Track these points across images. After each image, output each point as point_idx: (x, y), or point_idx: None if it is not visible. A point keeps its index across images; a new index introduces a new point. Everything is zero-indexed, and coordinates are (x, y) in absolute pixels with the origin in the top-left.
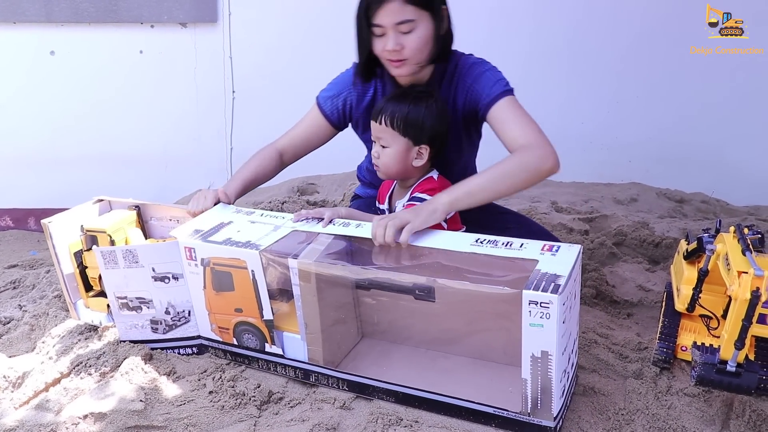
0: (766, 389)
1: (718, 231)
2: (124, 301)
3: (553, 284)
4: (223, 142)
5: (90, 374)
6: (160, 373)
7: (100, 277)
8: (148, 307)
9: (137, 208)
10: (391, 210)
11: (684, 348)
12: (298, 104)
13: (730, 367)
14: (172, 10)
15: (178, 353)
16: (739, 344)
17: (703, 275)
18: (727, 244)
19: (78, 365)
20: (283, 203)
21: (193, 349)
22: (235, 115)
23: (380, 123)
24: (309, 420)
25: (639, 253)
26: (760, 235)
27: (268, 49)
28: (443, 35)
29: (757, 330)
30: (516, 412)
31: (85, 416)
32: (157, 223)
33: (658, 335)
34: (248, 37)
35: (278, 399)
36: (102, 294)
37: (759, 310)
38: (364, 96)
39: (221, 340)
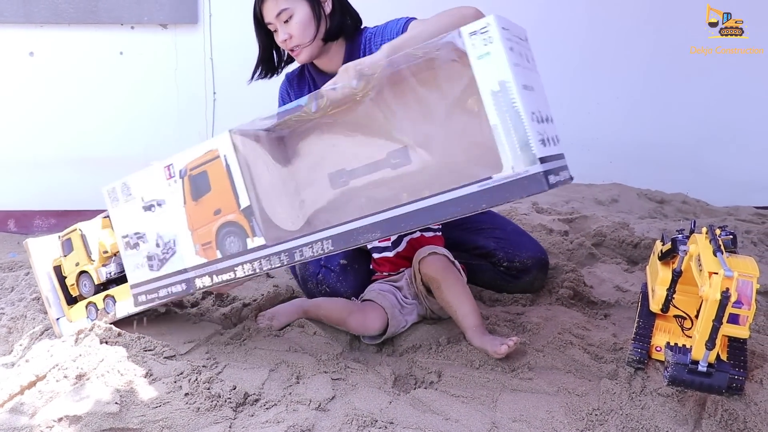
0: (736, 388)
1: (692, 232)
2: (127, 239)
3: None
4: None
5: (66, 377)
6: (136, 375)
7: (78, 278)
8: (144, 242)
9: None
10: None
11: (658, 348)
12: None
13: (702, 367)
14: (152, 11)
15: (169, 292)
16: (710, 344)
17: (676, 276)
18: (699, 245)
19: (54, 368)
20: None
21: (182, 285)
22: (216, 116)
23: None
24: (284, 422)
25: (618, 254)
26: (732, 236)
27: (249, 51)
28: (330, 14)
29: (729, 330)
30: (501, 176)
31: (60, 419)
32: None
33: (632, 336)
34: (229, 39)
35: (254, 401)
36: (81, 298)
37: (729, 310)
38: (301, 92)
39: (206, 260)
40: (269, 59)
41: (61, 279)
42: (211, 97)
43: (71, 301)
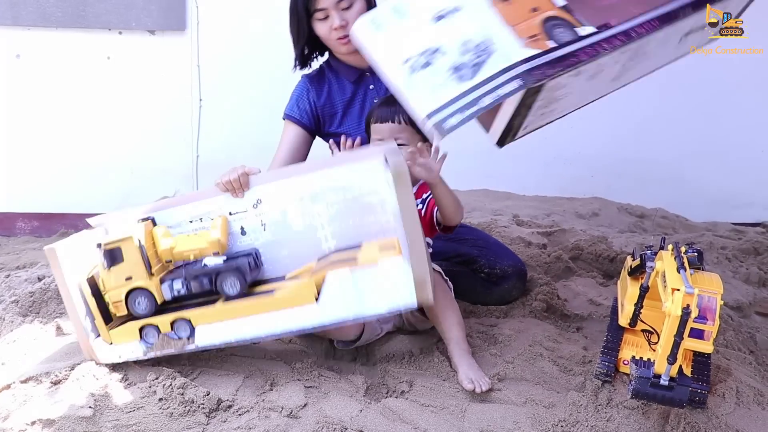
0: (699, 402)
1: (661, 248)
2: (410, 62)
3: None
4: (190, 150)
5: (41, 381)
6: (111, 380)
7: (128, 295)
8: (441, 54)
9: (150, 219)
10: None
11: (625, 362)
12: (265, 114)
13: (664, 381)
14: (140, 17)
15: (498, 95)
16: (672, 359)
17: (644, 291)
18: (664, 261)
19: (30, 371)
20: None
21: (516, 81)
22: (202, 123)
23: (398, 122)
24: (256, 428)
25: (594, 268)
26: (697, 253)
27: (235, 58)
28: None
29: (692, 345)
30: None
31: (33, 422)
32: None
33: (601, 349)
34: (216, 46)
35: (227, 407)
36: (130, 318)
37: (692, 325)
38: (320, 92)
39: (540, 50)
40: (308, 57)
41: (97, 293)
42: (197, 103)
43: (108, 319)
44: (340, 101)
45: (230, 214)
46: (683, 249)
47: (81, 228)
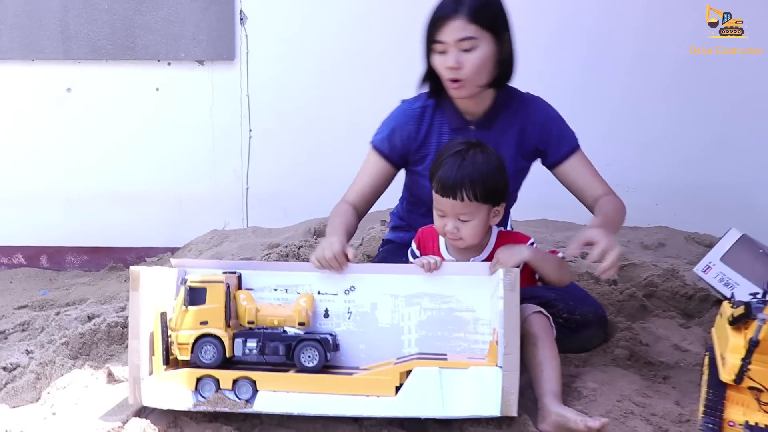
0: None
1: (766, 293)
2: None
3: None
4: (239, 182)
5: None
6: None
7: (197, 340)
8: None
9: (238, 274)
10: None
11: (731, 423)
12: (316, 144)
13: None
14: (189, 48)
15: None
16: None
17: (753, 346)
18: None
19: (82, 428)
20: (299, 248)
21: None
22: (252, 154)
23: (461, 200)
24: None
25: (671, 306)
26: None
27: (285, 88)
28: (504, 60)
29: None
30: None
31: None
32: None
33: (702, 408)
34: (266, 75)
35: None
36: (188, 364)
37: None
38: (417, 132)
39: None
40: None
41: (164, 330)
42: (247, 134)
43: (165, 360)
44: (434, 143)
45: (318, 293)
46: None
47: (130, 262)
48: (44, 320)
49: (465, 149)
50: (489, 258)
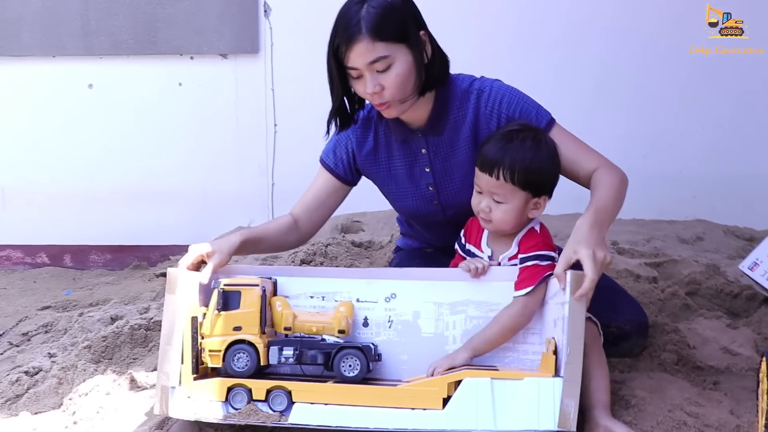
0: None
1: None
2: None
3: None
4: (265, 178)
5: None
6: None
7: (229, 346)
8: None
9: (274, 280)
10: (492, 257)
11: None
12: None
13: None
14: (212, 41)
15: None
16: None
17: None
18: None
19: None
20: (327, 245)
21: None
22: (277, 149)
23: (496, 178)
24: None
25: (716, 305)
26: None
27: (311, 81)
28: (429, 63)
29: None
30: None
31: None
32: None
33: (764, 421)
34: (291, 69)
35: None
36: (218, 373)
37: None
38: (363, 142)
39: None
40: (345, 110)
41: (194, 336)
42: (272, 128)
43: (195, 368)
44: (384, 159)
45: (357, 300)
46: None
47: (153, 261)
48: (67, 321)
49: (518, 131)
50: (514, 255)
